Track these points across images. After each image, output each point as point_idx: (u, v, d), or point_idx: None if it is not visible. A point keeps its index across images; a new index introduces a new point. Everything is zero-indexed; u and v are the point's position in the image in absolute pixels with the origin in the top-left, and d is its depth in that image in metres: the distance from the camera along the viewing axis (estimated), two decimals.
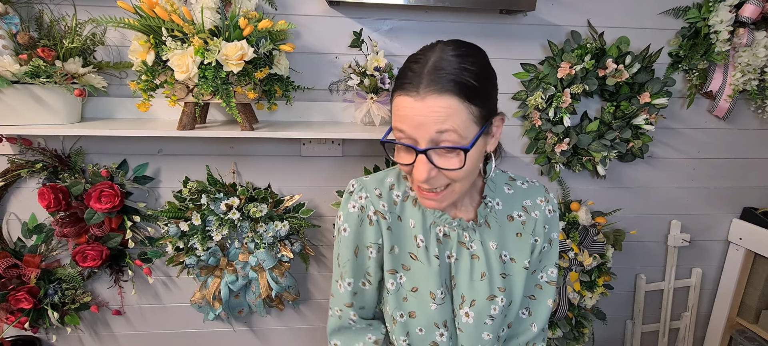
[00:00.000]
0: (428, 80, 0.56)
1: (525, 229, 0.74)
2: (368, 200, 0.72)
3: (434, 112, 0.55)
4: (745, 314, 1.59)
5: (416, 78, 0.57)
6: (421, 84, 0.56)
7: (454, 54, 0.57)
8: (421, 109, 0.56)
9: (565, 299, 1.38)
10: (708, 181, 1.51)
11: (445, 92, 0.55)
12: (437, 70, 0.56)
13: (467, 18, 1.26)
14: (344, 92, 1.29)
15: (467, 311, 0.71)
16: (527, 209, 0.75)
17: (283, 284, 1.32)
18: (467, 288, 0.71)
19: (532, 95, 1.30)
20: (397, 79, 0.60)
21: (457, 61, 0.57)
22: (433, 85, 0.55)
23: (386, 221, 0.72)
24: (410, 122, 0.57)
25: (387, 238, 0.72)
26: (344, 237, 0.73)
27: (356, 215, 0.72)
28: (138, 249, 1.35)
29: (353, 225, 0.72)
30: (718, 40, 1.27)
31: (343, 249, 0.73)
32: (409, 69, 0.59)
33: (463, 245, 0.72)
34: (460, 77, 0.56)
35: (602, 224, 1.43)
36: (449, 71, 0.56)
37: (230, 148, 1.31)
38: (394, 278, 0.72)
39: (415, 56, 0.60)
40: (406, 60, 0.62)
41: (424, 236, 0.71)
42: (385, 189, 0.74)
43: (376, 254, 0.73)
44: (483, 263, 0.71)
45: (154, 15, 0.95)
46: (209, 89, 0.98)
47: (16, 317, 1.24)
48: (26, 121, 1.07)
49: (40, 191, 1.16)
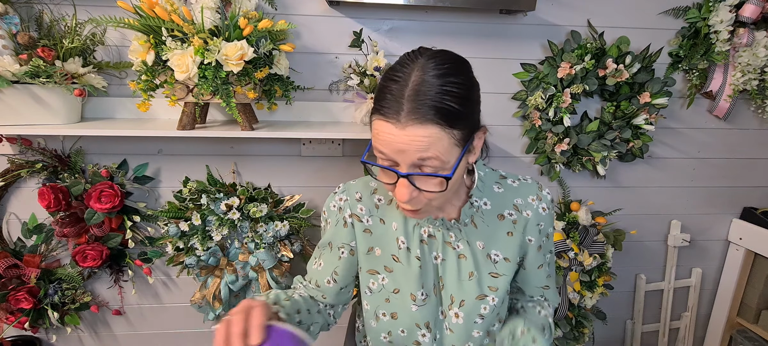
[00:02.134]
0: (409, 108, 0.53)
1: (516, 228, 0.73)
2: (346, 203, 0.75)
3: (416, 142, 0.53)
4: (745, 314, 1.59)
5: (395, 104, 0.53)
6: (401, 112, 0.53)
7: (436, 74, 0.54)
8: (401, 138, 0.54)
9: (565, 299, 1.38)
10: (708, 181, 1.51)
11: (426, 121, 0.53)
12: (418, 97, 0.53)
13: (467, 18, 1.26)
14: (344, 92, 1.29)
15: (456, 311, 0.71)
16: (519, 207, 0.74)
17: (283, 284, 1.32)
18: (456, 288, 0.71)
19: (532, 95, 1.30)
20: (376, 100, 0.57)
21: (439, 84, 0.54)
22: (414, 114, 0.52)
23: (362, 224, 0.73)
24: (390, 148, 0.55)
25: (363, 240, 0.73)
26: (326, 227, 0.78)
27: (335, 213, 0.76)
28: (138, 249, 1.35)
29: (332, 221, 0.77)
30: (718, 40, 1.27)
31: (325, 237, 0.78)
32: (388, 90, 0.55)
33: (449, 245, 0.71)
34: (442, 103, 0.53)
35: (602, 224, 1.43)
36: (431, 97, 0.53)
37: (230, 148, 1.31)
38: (376, 278, 0.73)
39: (394, 73, 0.56)
40: (385, 75, 0.58)
41: (405, 237, 0.72)
42: (368, 193, 0.75)
43: (347, 255, 0.75)
44: (470, 263, 0.70)
45: (154, 15, 0.95)
46: (209, 89, 0.98)
47: (16, 317, 1.24)
48: (26, 121, 1.07)
49: (40, 191, 1.16)
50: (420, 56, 0.57)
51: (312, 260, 0.81)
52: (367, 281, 0.74)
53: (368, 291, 0.75)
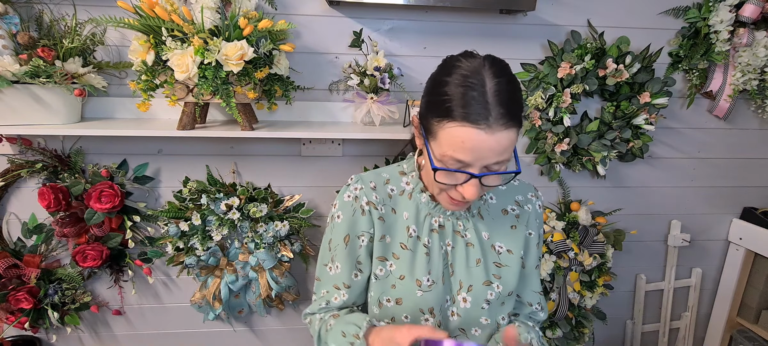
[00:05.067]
0: (497, 114, 0.56)
1: (519, 222, 0.78)
2: (362, 191, 0.75)
3: (501, 145, 0.57)
4: (745, 314, 1.59)
5: (482, 109, 0.56)
6: (489, 116, 0.56)
7: (507, 80, 0.58)
8: (490, 143, 0.57)
9: (565, 299, 1.38)
10: (708, 181, 1.51)
11: (510, 126, 0.57)
12: (503, 102, 0.56)
13: (467, 18, 1.26)
14: (344, 92, 1.29)
15: (464, 296, 0.73)
16: (520, 203, 0.80)
17: (283, 284, 1.32)
18: (464, 274, 0.73)
19: (532, 95, 1.30)
20: (456, 107, 0.57)
21: (512, 90, 0.58)
22: (502, 119, 0.56)
23: (378, 212, 0.74)
24: (475, 154, 0.58)
25: (378, 227, 0.74)
26: (337, 223, 0.76)
27: (350, 204, 0.75)
28: (138, 249, 1.35)
29: (347, 213, 0.75)
30: (718, 40, 1.27)
31: (335, 235, 0.76)
32: (470, 97, 0.56)
33: (458, 234, 0.75)
34: (519, 107, 0.58)
35: (602, 224, 1.43)
36: (511, 101, 0.57)
37: (230, 148, 1.31)
38: (384, 265, 0.75)
39: (467, 80, 0.57)
40: (451, 81, 0.59)
41: (416, 226, 0.74)
42: (381, 183, 0.77)
43: (367, 242, 0.75)
44: (478, 250, 0.74)
45: (154, 15, 0.95)
46: (209, 89, 0.98)
47: (16, 317, 1.24)
48: (26, 121, 1.07)
49: (40, 191, 1.16)
50: (474, 58, 0.60)
51: (323, 271, 0.78)
52: (375, 267, 0.75)
53: (374, 277, 0.76)
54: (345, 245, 0.75)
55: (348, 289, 0.76)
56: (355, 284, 0.76)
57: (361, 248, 0.75)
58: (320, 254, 0.80)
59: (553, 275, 1.36)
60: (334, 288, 0.76)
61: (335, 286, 0.76)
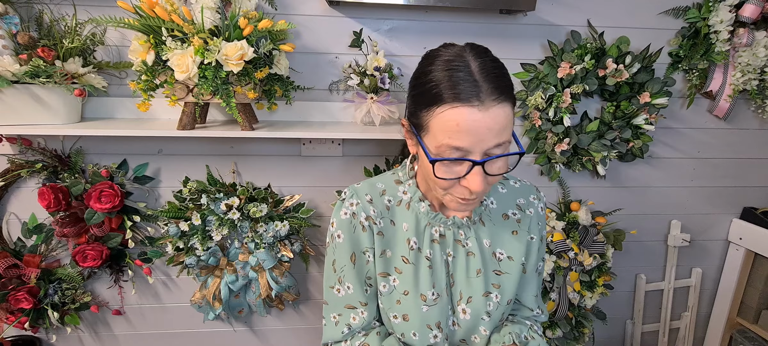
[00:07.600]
0: (488, 89, 0.53)
1: (520, 226, 0.75)
2: (359, 207, 0.72)
3: (498, 122, 0.54)
4: (745, 314, 1.59)
5: (472, 87, 0.53)
6: (480, 92, 0.53)
7: (490, 59, 0.56)
8: (485, 121, 0.53)
9: (565, 299, 1.38)
10: (708, 181, 1.51)
11: (504, 100, 0.54)
12: (489, 77, 0.53)
13: (467, 18, 1.26)
14: (344, 92, 1.29)
15: (464, 307, 0.71)
16: (522, 206, 0.77)
17: (283, 284, 1.32)
18: (464, 285, 0.72)
19: (532, 95, 1.30)
20: (445, 90, 0.54)
21: (497, 66, 0.56)
22: (494, 94, 0.53)
23: (377, 226, 0.72)
24: (472, 137, 0.54)
25: (378, 243, 0.72)
26: (339, 243, 0.72)
27: (348, 221, 0.72)
28: (138, 249, 1.35)
29: (347, 232, 0.72)
30: (718, 40, 1.27)
31: (340, 255, 0.73)
32: (456, 78, 0.54)
33: (458, 243, 0.72)
34: (509, 84, 0.55)
35: (602, 224, 1.43)
36: (498, 75, 0.54)
37: (230, 148, 1.31)
38: (387, 280, 0.72)
39: (451, 63, 0.55)
40: (437, 67, 0.56)
41: (417, 238, 0.71)
42: (377, 194, 0.74)
43: (373, 258, 0.72)
44: (478, 260, 0.71)
45: (154, 15, 0.95)
46: (209, 89, 0.98)
47: (16, 317, 1.24)
48: (26, 121, 1.07)
49: (40, 191, 1.16)
50: (454, 46, 0.59)
51: (331, 294, 0.74)
52: (378, 284, 0.73)
53: (379, 294, 0.74)
54: (353, 265, 0.72)
55: (365, 306, 0.73)
56: (371, 299, 0.74)
57: (368, 263, 0.73)
58: (325, 277, 0.76)
59: (553, 275, 1.36)
60: (348, 309, 0.73)
61: (349, 306, 0.73)
